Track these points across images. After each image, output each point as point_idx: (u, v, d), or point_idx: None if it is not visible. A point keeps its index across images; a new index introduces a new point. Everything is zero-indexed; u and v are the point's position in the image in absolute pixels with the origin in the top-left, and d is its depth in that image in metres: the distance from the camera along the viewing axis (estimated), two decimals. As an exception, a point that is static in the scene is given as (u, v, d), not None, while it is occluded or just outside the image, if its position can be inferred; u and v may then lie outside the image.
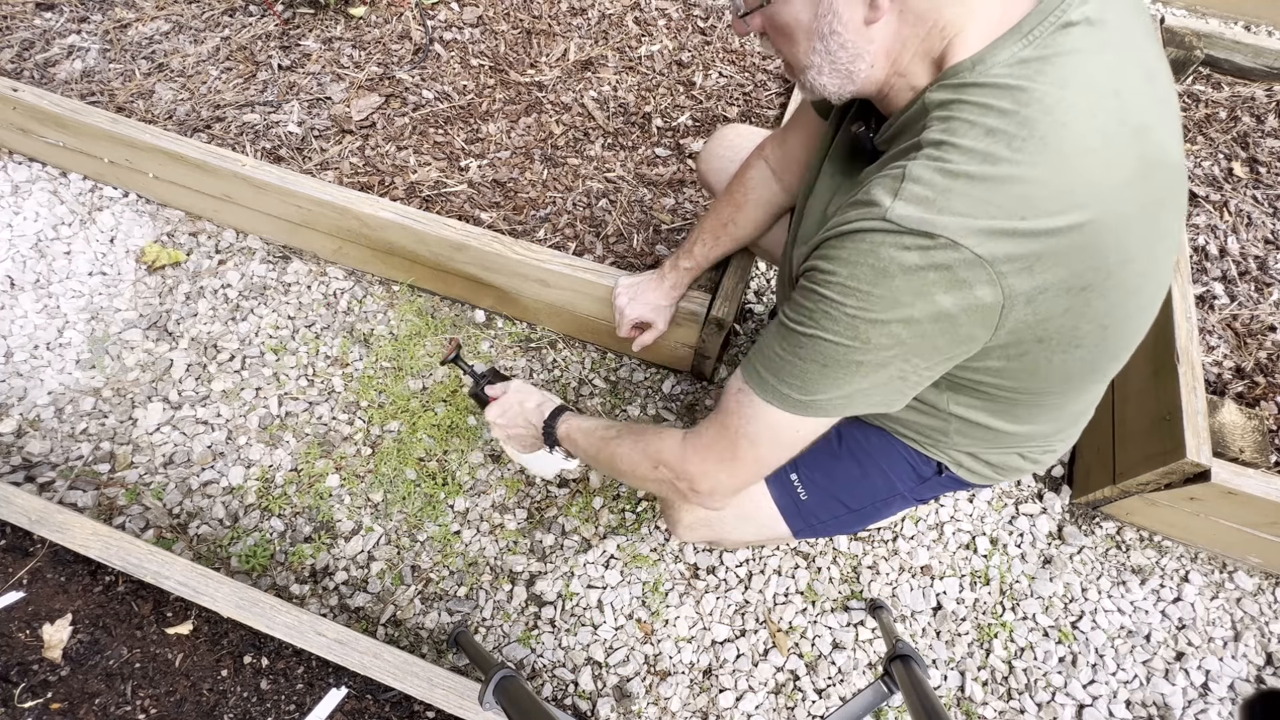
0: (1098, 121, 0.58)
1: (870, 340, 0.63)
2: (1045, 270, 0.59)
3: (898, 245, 0.58)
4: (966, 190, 0.57)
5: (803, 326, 0.66)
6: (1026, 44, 0.59)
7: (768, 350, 0.71)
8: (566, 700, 1.24)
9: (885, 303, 0.61)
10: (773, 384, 0.70)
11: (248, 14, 1.96)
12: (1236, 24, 2.44)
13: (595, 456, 0.95)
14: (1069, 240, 0.59)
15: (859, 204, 0.62)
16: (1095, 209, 0.59)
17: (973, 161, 0.57)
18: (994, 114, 0.58)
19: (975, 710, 1.26)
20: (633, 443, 0.88)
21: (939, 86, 0.62)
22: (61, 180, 1.79)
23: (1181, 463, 1.17)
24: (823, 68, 0.67)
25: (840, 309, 0.63)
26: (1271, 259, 1.63)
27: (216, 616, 1.15)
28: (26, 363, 1.53)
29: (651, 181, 1.71)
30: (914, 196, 0.58)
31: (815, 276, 0.65)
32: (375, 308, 1.66)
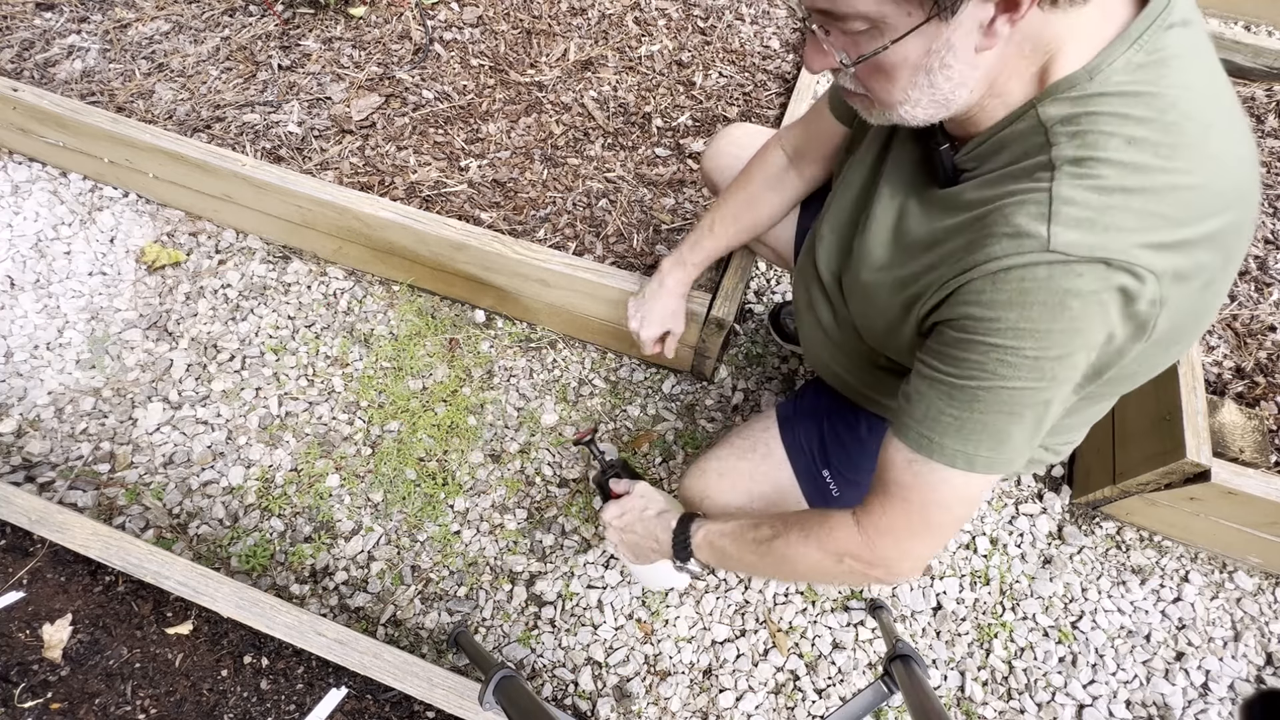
0: (1225, 120, 0.58)
1: (1058, 376, 0.60)
2: (1195, 276, 0.58)
3: (1069, 274, 0.55)
4: (1126, 204, 0.55)
5: (975, 381, 0.62)
6: (1138, 49, 0.56)
7: (936, 415, 0.65)
8: (566, 700, 1.24)
9: (1066, 336, 0.58)
10: (954, 449, 0.65)
11: (248, 14, 1.96)
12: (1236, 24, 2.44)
13: (755, 563, 0.85)
14: (1220, 242, 0.58)
15: (1000, 236, 0.58)
16: (1241, 207, 0.59)
17: (1125, 174, 0.55)
18: (1132, 123, 0.56)
19: (975, 710, 1.26)
20: (801, 539, 0.79)
21: (1052, 101, 0.59)
22: (61, 180, 1.79)
23: (1181, 463, 1.17)
24: (920, 101, 0.62)
25: (1018, 354, 0.59)
26: (1271, 259, 1.63)
27: (216, 616, 1.14)
28: (26, 363, 1.53)
29: (651, 181, 1.71)
30: (1073, 220, 0.55)
31: (971, 325, 0.61)
32: (375, 308, 1.66)
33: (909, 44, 0.57)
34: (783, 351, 1.63)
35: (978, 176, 0.65)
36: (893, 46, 0.58)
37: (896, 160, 0.77)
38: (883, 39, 0.58)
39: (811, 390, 1.09)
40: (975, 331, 0.61)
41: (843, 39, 0.61)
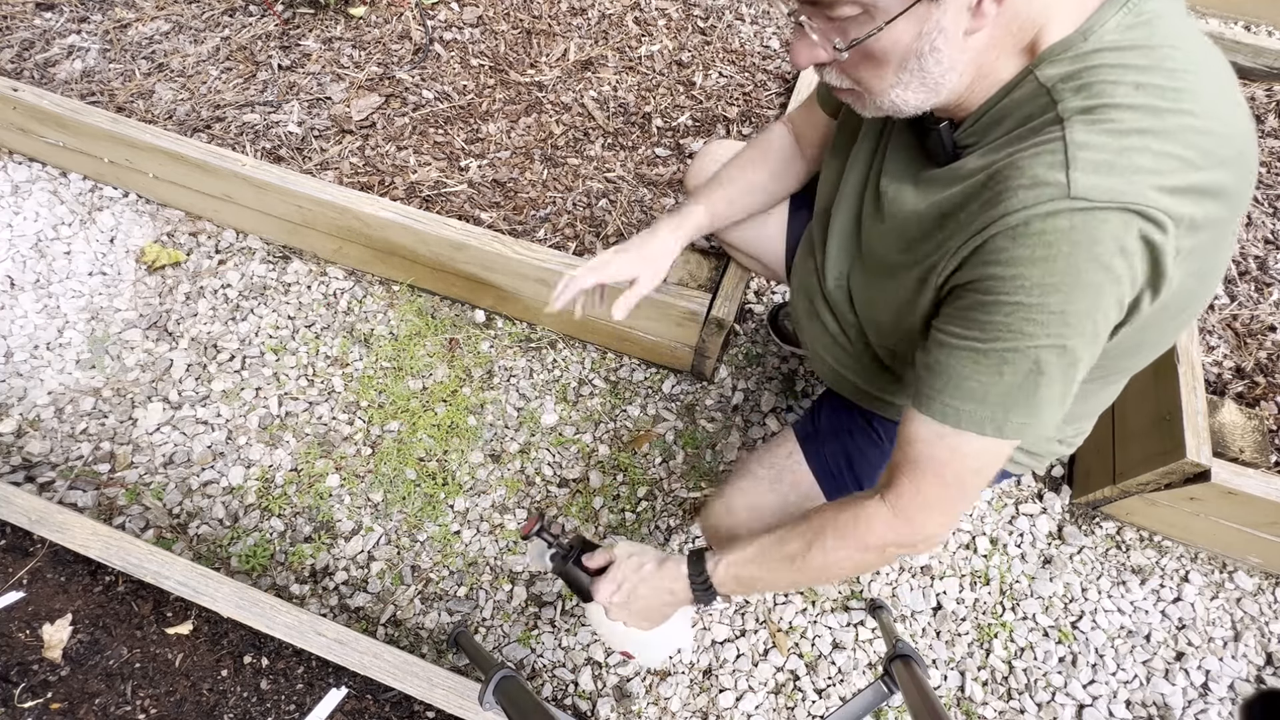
0: (1219, 72, 0.59)
1: (1085, 330, 0.59)
2: (1206, 227, 0.58)
3: (1092, 222, 0.54)
4: (1144, 145, 0.54)
5: (1002, 342, 0.60)
6: (1125, 13, 0.58)
7: (960, 381, 0.63)
8: (566, 700, 1.24)
9: (1094, 288, 0.56)
10: (984, 416, 0.63)
11: (248, 14, 1.96)
12: (1236, 24, 2.44)
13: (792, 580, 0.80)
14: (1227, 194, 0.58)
15: (1016, 189, 0.56)
16: (1243, 161, 0.59)
17: (1138, 116, 0.55)
18: (1134, 70, 0.56)
19: (975, 710, 1.26)
20: (836, 539, 0.74)
21: (1050, 63, 0.59)
22: (61, 180, 1.79)
23: (1181, 463, 1.17)
24: (910, 84, 0.62)
25: (1045, 311, 0.57)
26: (1271, 259, 1.63)
27: (216, 616, 1.14)
28: (26, 363, 1.53)
29: (651, 181, 1.71)
30: (1091, 164, 0.54)
31: (992, 285, 0.59)
32: (375, 308, 1.66)
33: (899, 27, 0.58)
34: (782, 351, 1.63)
35: (981, 148, 0.65)
36: (885, 29, 0.58)
37: (892, 155, 0.77)
38: (874, 22, 0.58)
39: (828, 407, 1.06)
40: (999, 291, 0.59)
41: (830, 26, 0.61)
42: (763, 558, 0.80)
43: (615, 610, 0.88)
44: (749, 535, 0.84)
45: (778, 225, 1.18)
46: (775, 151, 1.09)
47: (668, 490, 1.45)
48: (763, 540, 0.81)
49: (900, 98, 0.64)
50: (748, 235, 1.21)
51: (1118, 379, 0.84)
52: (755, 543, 0.81)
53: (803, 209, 1.15)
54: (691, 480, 1.46)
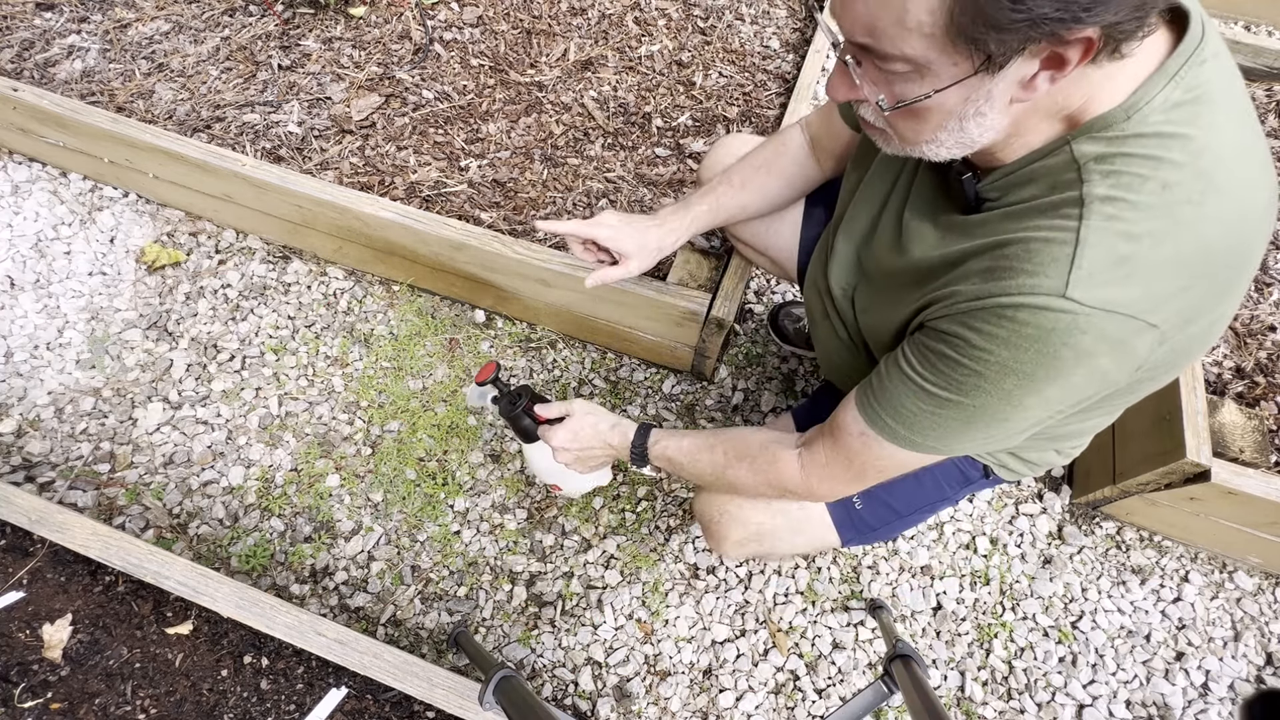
0: (1251, 163, 0.58)
1: (1022, 404, 0.63)
2: (1199, 318, 0.59)
3: (1073, 329, 0.56)
4: (1150, 253, 0.55)
5: (945, 392, 0.65)
6: (1175, 86, 0.55)
7: (899, 404, 0.69)
8: (566, 700, 1.24)
9: (1046, 380, 0.60)
10: (906, 435, 0.71)
11: (248, 14, 1.96)
12: (1236, 24, 2.44)
13: (707, 479, 0.96)
14: (1225, 282, 0.59)
15: (1019, 271, 0.58)
16: (1251, 250, 0.59)
17: (1153, 220, 0.55)
18: (1167, 166, 0.55)
19: (975, 710, 1.26)
20: (750, 470, 0.89)
21: (1088, 138, 0.58)
22: (61, 180, 1.79)
23: (1181, 463, 1.17)
24: (945, 143, 0.61)
25: (996, 385, 0.62)
26: (1272, 259, 1.63)
27: (216, 616, 1.14)
28: (26, 363, 1.53)
29: (651, 181, 1.71)
30: (1096, 268, 0.55)
31: (962, 348, 0.62)
32: (375, 308, 1.66)
33: (950, 94, 0.56)
34: (782, 352, 1.63)
35: (1002, 206, 0.64)
36: (935, 96, 0.56)
37: (920, 181, 0.77)
38: (923, 86, 0.56)
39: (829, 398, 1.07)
40: (965, 355, 0.62)
41: (877, 75, 0.58)
42: (691, 454, 0.95)
43: (562, 454, 1.02)
44: (689, 431, 0.99)
45: (791, 224, 1.18)
46: (790, 158, 1.08)
47: (667, 490, 1.45)
48: (697, 440, 0.95)
49: (932, 151, 0.63)
50: (758, 230, 1.21)
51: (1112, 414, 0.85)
52: (691, 439, 0.96)
53: (817, 206, 1.15)
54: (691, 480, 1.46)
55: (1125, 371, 0.61)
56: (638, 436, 0.99)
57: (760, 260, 1.31)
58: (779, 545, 1.04)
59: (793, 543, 1.04)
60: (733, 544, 1.04)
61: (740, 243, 1.30)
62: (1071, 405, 0.65)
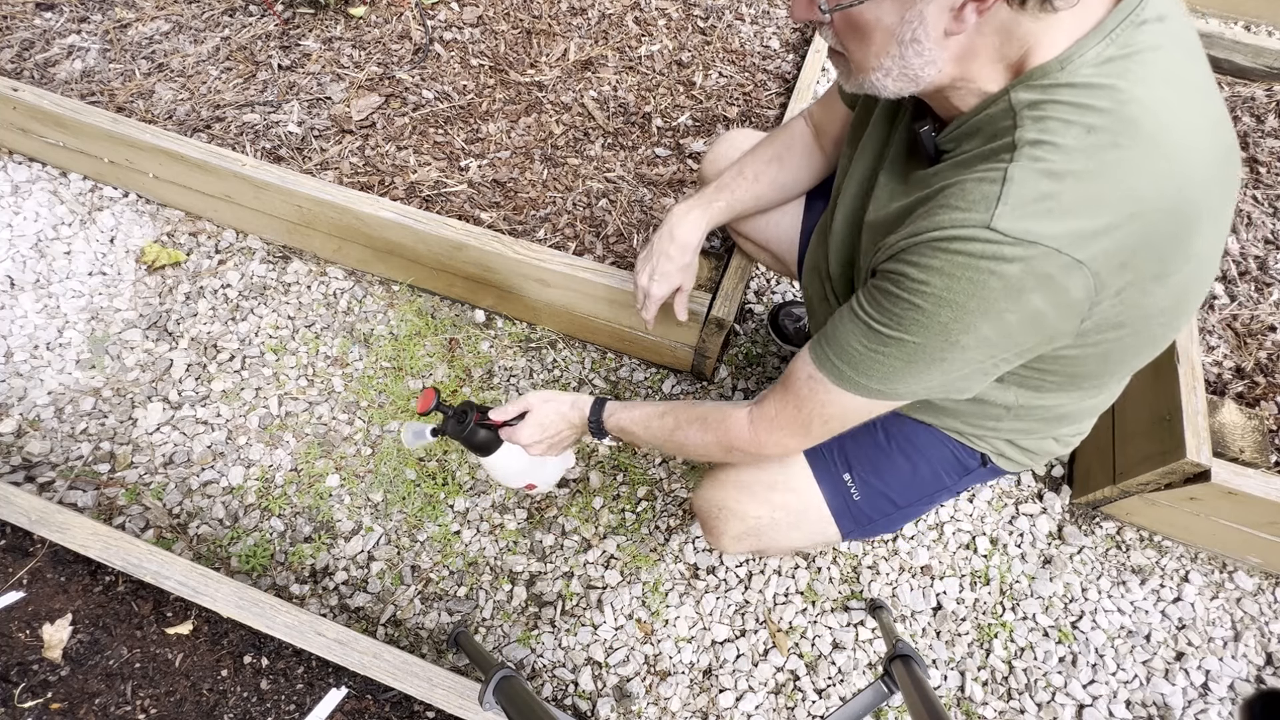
0: (1186, 116, 0.60)
1: (959, 343, 0.65)
2: (1138, 264, 0.61)
3: (999, 257, 0.59)
4: (1072, 190, 0.58)
5: (887, 329, 0.68)
6: (1109, 43, 0.59)
7: (846, 344, 0.72)
8: (566, 700, 1.24)
9: (979, 313, 0.62)
10: (851, 376, 0.73)
11: (248, 14, 1.96)
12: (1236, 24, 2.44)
13: (659, 445, 0.98)
14: (1164, 232, 0.60)
15: (952, 207, 0.62)
16: (1190, 200, 0.60)
17: (1076, 160, 0.58)
18: (1093, 113, 0.58)
19: (975, 710, 1.26)
20: (700, 431, 0.91)
21: (1024, 86, 0.61)
22: (61, 180, 1.79)
23: (1181, 463, 1.17)
24: (890, 70, 0.65)
25: (932, 318, 0.64)
26: (1271, 259, 1.63)
27: (216, 616, 1.15)
28: (26, 363, 1.53)
29: (651, 181, 1.71)
30: (1018, 201, 0.58)
31: (904, 283, 0.65)
32: (375, 308, 1.66)
33: (884, 5, 0.61)
34: (782, 351, 1.63)
35: (955, 157, 0.68)
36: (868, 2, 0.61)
37: (894, 148, 0.81)
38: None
39: None
40: (905, 289, 0.65)
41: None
42: (643, 422, 0.98)
43: (535, 447, 1.04)
44: (644, 401, 1.02)
45: (793, 216, 1.19)
46: (797, 148, 1.11)
47: (667, 490, 1.45)
48: (650, 408, 0.98)
49: (880, 81, 0.67)
50: (760, 224, 1.22)
51: (1110, 384, 0.85)
52: (643, 409, 0.99)
53: (818, 199, 1.16)
54: (691, 480, 1.46)
55: (1064, 316, 0.63)
56: (593, 411, 1.03)
57: (761, 255, 1.31)
58: (778, 540, 1.04)
59: (791, 537, 1.04)
60: (731, 539, 1.04)
61: (742, 237, 1.31)
62: (1014, 351, 0.67)
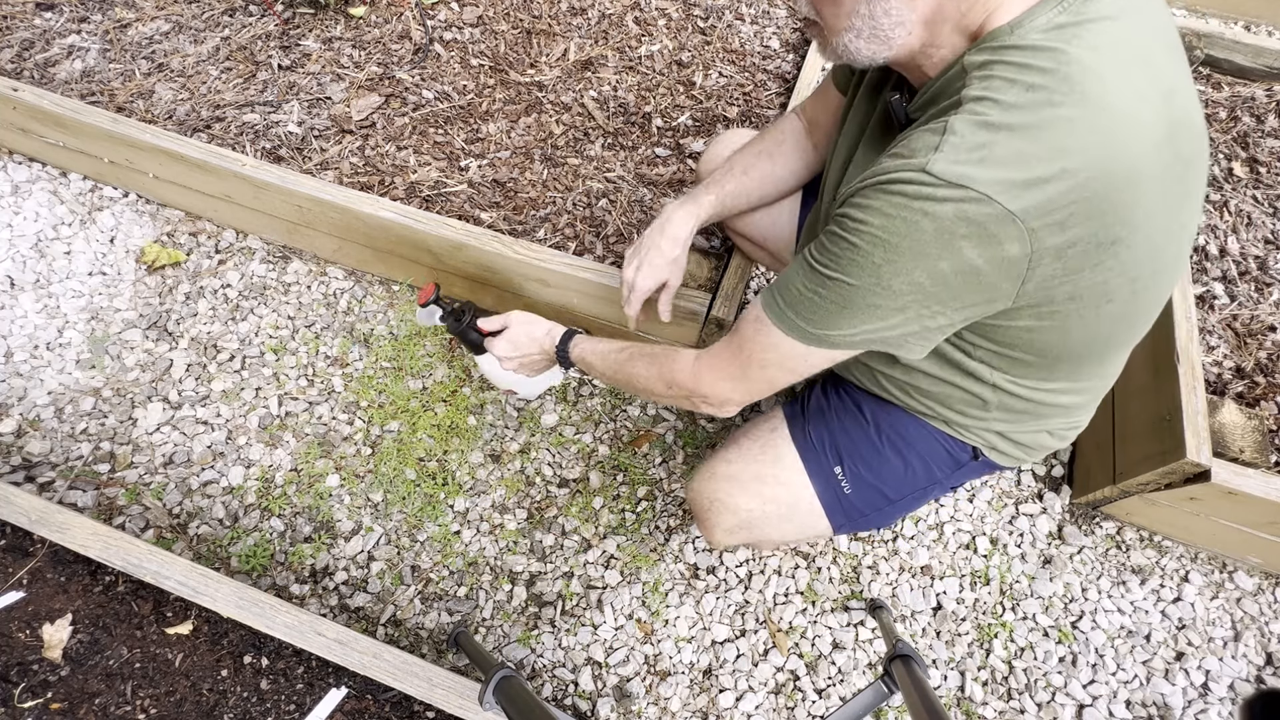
0: (1131, 82, 0.61)
1: (891, 287, 0.65)
2: (1076, 224, 0.61)
3: (931, 198, 0.60)
4: (1006, 142, 0.59)
5: (826, 269, 0.69)
6: (1060, 11, 0.61)
7: (790, 285, 0.74)
8: (566, 700, 1.24)
9: (912, 255, 0.63)
10: (790, 317, 0.74)
11: (248, 14, 1.96)
12: (1236, 24, 2.44)
13: (612, 377, 1.02)
14: (1101, 192, 0.60)
15: (897, 155, 0.64)
16: (1129, 163, 0.61)
17: (1013, 114, 0.59)
18: (1034, 72, 0.60)
19: (975, 710, 1.26)
20: (647, 364, 0.94)
21: (976, 50, 0.64)
22: (61, 180, 1.79)
23: (1181, 463, 1.17)
24: (862, 31, 0.67)
25: (867, 257, 0.65)
26: (1271, 259, 1.63)
27: (216, 616, 1.15)
28: (26, 363, 1.53)
29: (651, 181, 1.71)
30: (953, 149, 0.60)
31: (846, 224, 0.66)
32: (375, 308, 1.66)
33: None
34: (783, 351, 1.63)
35: (921, 121, 0.69)
36: None
37: (874, 122, 0.83)
38: None
39: (817, 390, 1.10)
40: (845, 229, 0.66)
41: None
42: (605, 354, 1.02)
43: (506, 362, 1.12)
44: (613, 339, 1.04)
45: (789, 214, 1.19)
46: (788, 142, 1.12)
47: (667, 490, 1.45)
48: (612, 344, 1.02)
49: (853, 44, 0.69)
50: (757, 221, 1.23)
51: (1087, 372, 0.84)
52: (607, 344, 1.03)
53: (813, 197, 1.17)
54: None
55: (1000, 272, 0.63)
56: (563, 340, 1.09)
57: (758, 254, 1.31)
58: (769, 533, 1.05)
59: (782, 530, 1.05)
60: (723, 532, 1.05)
61: (739, 236, 1.31)
62: (952, 305, 0.67)
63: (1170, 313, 1.31)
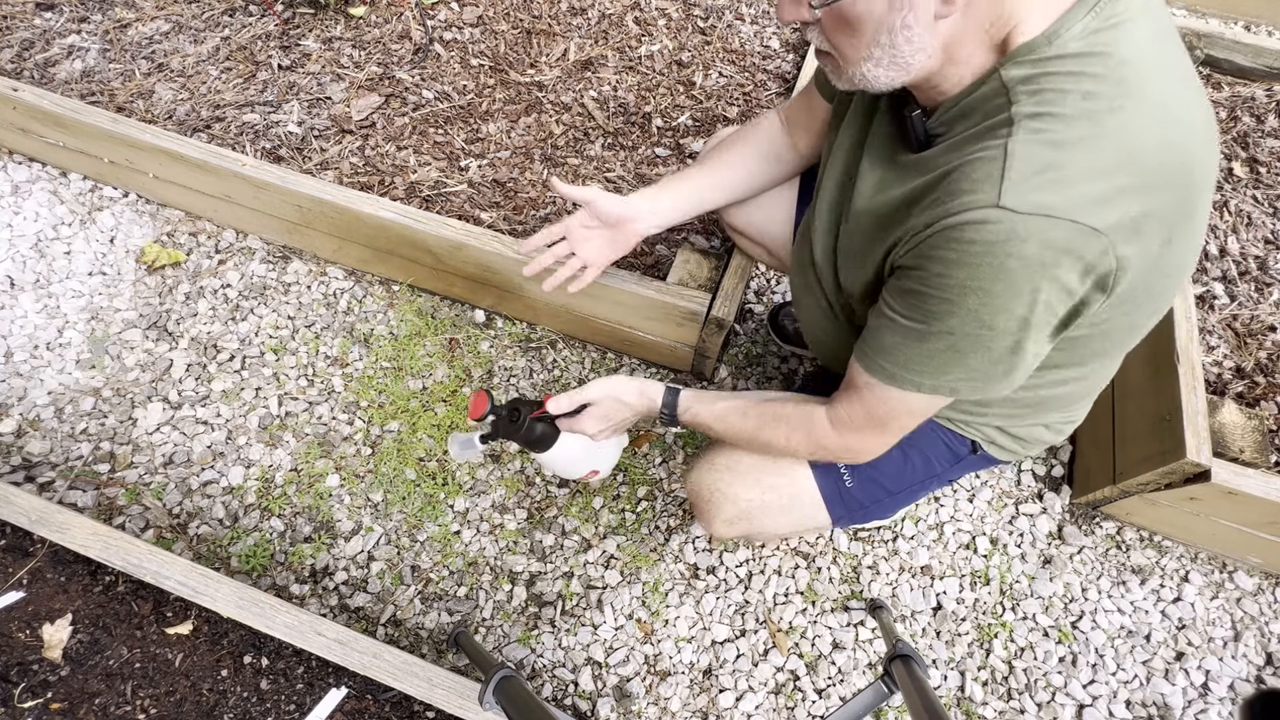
0: (1173, 82, 0.61)
1: (995, 325, 0.65)
2: (1149, 230, 0.61)
3: (1013, 237, 0.58)
4: (1076, 158, 0.57)
5: (923, 324, 0.68)
6: (1093, 16, 0.59)
7: (889, 348, 0.73)
8: (566, 700, 1.24)
9: (1007, 294, 0.62)
10: (902, 375, 0.74)
11: (248, 14, 1.96)
12: (1236, 24, 2.44)
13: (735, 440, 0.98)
14: (1174, 198, 0.60)
15: (958, 192, 0.61)
16: (1190, 164, 0.61)
17: (1076, 127, 0.58)
18: (1087, 79, 0.58)
19: (975, 710, 1.26)
20: (786, 432, 0.91)
21: (1014, 64, 0.61)
22: (61, 180, 1.79)
23: (1181, 463, 1.17)
24: (881, 60, 0.65)
25: (961, 306, 0.64)
26: (1271, 259, 1.63)
27: (216, 616, 1.15)
28: (26, 363, 1.53)
29: (651, 181, 1.70)
30: (1021, 175, 0.58)
31: (925, 278, 0.65)
32: (375, 308, 1.66)
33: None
34: (782, 351, 1.63)
35: (948, 140, 0.68)
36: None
37: (876, 135, 0.81)
38: None
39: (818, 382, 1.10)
40: (930, 284, 0.66)
41: None
42: (723, 418, 0.97)
43: (600, 436, 1.04)
44: (719, 394, 1.00)
45: (786, 212, 1.19)
46: (763, 133, 1.11)
47: (667, 490, 1.45)
48: (729, 404, 0.97)
49: (871, 73, 0.67)
50: (755, 220, 1.22)
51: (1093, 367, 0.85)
52: (723, 403, 0.97)
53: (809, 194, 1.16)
54: (691, 480, 1.46)
55: (1093, 287, 0.62)
56: (667, 399, 1.01)
57: (757, 252, 1.31)
58: (768, 524, 1.05)
59: (781, 522, 1.05)
60: (723, 523, 1.05)
61: (737, 233, 1.31)
62: (1049, 324, 0.66)
63: (1170, 313, 1.31)
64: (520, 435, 0.99)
